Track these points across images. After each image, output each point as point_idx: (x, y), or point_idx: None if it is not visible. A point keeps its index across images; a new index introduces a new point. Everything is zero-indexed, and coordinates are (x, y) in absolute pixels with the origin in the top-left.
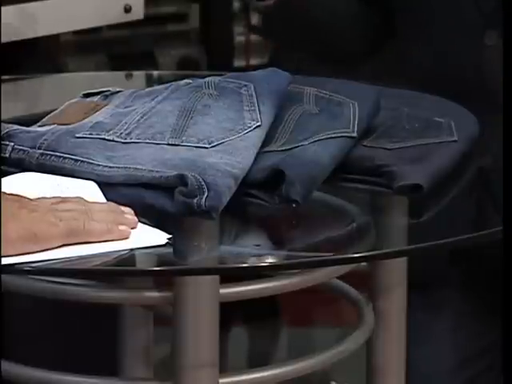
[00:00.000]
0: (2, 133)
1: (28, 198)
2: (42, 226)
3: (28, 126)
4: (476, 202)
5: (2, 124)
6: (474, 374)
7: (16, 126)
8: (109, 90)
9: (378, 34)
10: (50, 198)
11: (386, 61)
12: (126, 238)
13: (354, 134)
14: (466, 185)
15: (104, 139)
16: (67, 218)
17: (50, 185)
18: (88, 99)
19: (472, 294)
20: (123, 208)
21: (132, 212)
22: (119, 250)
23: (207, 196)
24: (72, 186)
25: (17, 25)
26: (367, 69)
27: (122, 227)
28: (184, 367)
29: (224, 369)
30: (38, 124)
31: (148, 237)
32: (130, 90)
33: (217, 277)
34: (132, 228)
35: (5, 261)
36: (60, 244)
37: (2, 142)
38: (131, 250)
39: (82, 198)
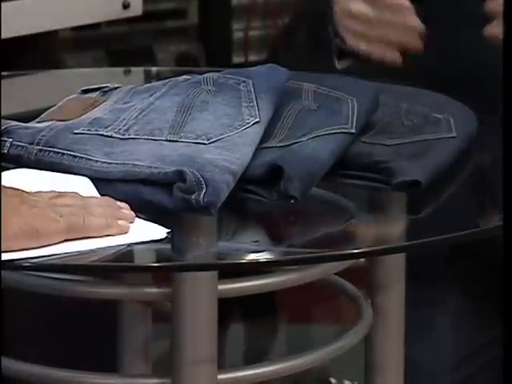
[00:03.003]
0: (1, 129)
1: (27, 193)
2: (43, 222)
3: (26, 122)
4: (475, 198)
5: (2, 120)
6: (474, 370)
7: (14, 122)
8: (107, 86)
9: None
10: (47, 193)
11: None
12: (125, 233)
13: (353, 130)
14: (465, 181)
15: (102, 135)
16: (66, 213)
17: (45, 181)
18: (86, 95)
19: (472, 290)
20: (119, 203)
21: (128, 207)
22: (119, 245)
23: (205, 192)
24: (66, 181)
25: (15, 21)
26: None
27: (120, 222)
28: (182, 363)
29: (222, 365)
30: (37, 120)
31: (147, 231)
32: (129, 86)
33: (215, 273)
34: (130, 222)
35: (6, 256)
36: (61, 240)
37: (1, 139)
38: (131, 244)
39: (78, 193)
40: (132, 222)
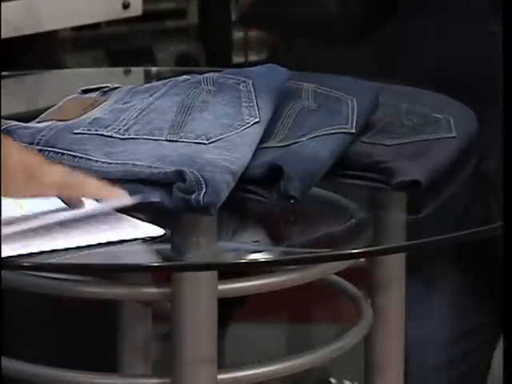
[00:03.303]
0: (1, 128)
1: None
2: (42, 166)
3: (26, 122)
4: (475, 197)
5: (1, 120)
6: (469, 349)
7: (14, 122)
8: (107, 86)
9: (367, 20)
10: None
11: (388, 49)
12: (120, 198)
13: (353, 130)
14: (465, 181)
15: (102, 135)
16: (62, 169)
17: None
18: (87, 95)
19: (468, 272)
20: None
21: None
22: (115, 241)
23: (205, 192)
24: None
25: (15, 21)
26: (368, 59)
27: (115, 188)
28: (182, 363)
29: (222, 365)
30: (37, 120)
31: (144, 230)
32: (129, 86)
33: (215, 273)
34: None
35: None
36: (54, 193)
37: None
38: (127, 240)
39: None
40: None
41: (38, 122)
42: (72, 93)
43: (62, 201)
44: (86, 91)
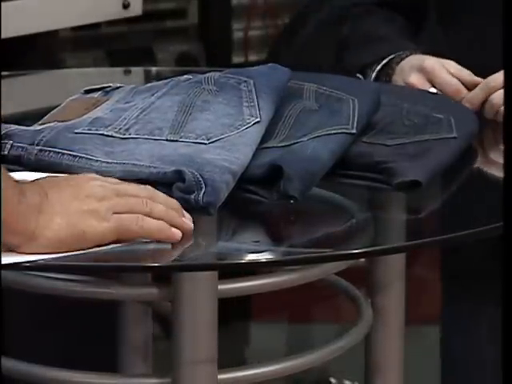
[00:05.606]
0: (2, 133)
1: (89, 178)
2: (91, 223)
3: (27, 122)
4: (475, 198)
5: (2, 125)
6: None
7: (15, 126)
8: (110, 86)
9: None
10: (112, 179)
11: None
12: (176, 241)
13: (354, 131)
14: (465, 181)
15: (103, 135)
16: (122, 209)
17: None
18: (89, 95)
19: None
20: (185, 212)
21: (191, 219)
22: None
23: (204, 192)
24: None
25: (15, 21)
26: None
27: (174, 229)
28: (182, 363)
29: (222, 365)
30: (39, 122)
31: None
32: (131, 86)
33: (215, 273)
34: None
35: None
36: (111, 240)
37: (2, 141)
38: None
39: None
40: (188, 232)
41: (41, 125)
42: (72, 93)
43: None
44: (88, 91)
